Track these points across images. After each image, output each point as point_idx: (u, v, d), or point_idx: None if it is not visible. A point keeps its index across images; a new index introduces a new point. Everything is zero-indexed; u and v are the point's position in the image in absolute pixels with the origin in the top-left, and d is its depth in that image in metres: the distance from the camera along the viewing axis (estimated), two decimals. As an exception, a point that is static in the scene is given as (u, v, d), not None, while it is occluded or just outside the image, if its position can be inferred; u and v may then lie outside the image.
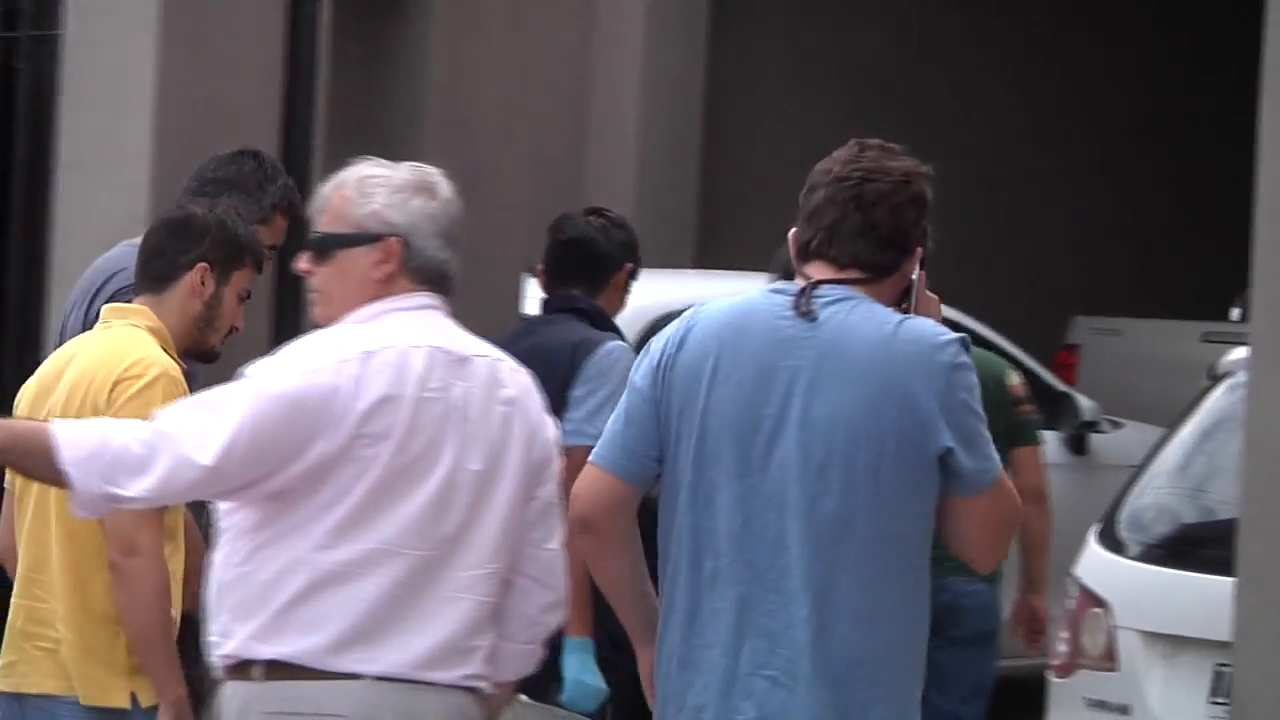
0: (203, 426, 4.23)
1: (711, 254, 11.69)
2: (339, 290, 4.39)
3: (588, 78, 12.93)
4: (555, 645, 6.25)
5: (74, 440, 4.20)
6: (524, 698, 5.91)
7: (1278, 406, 5.05)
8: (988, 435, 4.31)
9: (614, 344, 6.45)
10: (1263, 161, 5.04)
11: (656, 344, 4.42)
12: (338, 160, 6.41)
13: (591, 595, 5.65)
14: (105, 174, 6.11)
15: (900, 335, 4.27)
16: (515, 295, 6.56)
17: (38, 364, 6.16)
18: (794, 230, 4.39)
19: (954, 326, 4.41)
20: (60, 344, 5.57)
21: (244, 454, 4.20)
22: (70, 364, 5.11)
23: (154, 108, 5.96)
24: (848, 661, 4.25)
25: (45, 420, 4.59)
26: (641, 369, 4.40)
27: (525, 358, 6.45)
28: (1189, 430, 6.66)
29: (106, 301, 5.44)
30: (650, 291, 6.84)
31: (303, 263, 4.43)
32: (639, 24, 13.07)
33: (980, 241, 11.70)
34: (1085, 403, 9.78)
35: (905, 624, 4.29)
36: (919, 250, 4.33)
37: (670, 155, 12.87)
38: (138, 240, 5.67)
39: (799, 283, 4.33)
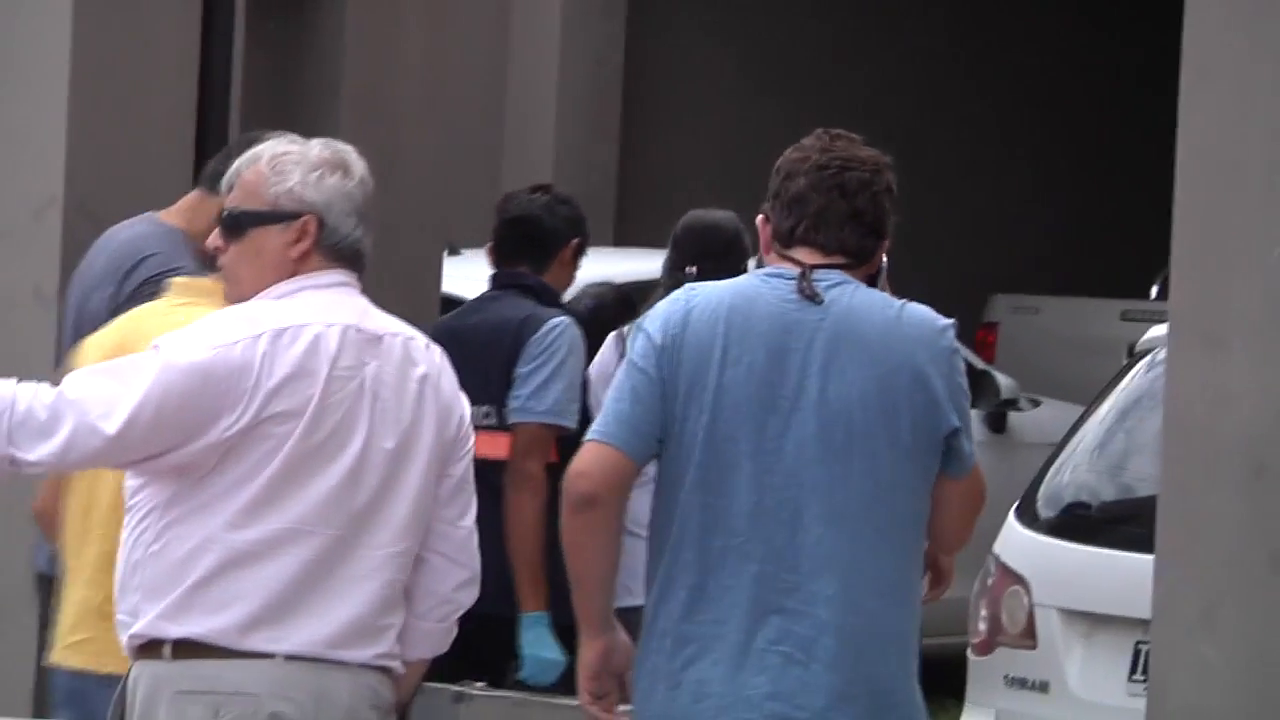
0: (109, 394, 4.20)
1: (630, 232, 11.70)
2: (250, 269, 4.38)
3: (505, 55, 12.88)
4: (511, 625, 6.21)
5: None
6: (479, 686, 5.91)
7: (1197, 384, 5.05)
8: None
9: (559, 320, 6.48)
10: (1181, 139, 5.05)
11: (652, 325, 4.45)
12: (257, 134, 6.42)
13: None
14: (21, 151, 6.08)
15: (905, 318, 4.43)
16: (433, 274, 6.55)
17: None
18: (763, 216, 4.48)
19: None
20: (74, 324, 5.56)
21: (149, 425, 4.19)
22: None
23: (68, 85, 5.93)
24: (875, 637, 4.35)
25: None
26: (641, 350, 4.42)
27: (472, 333, 6.51)
28: (1108, 408, 6.69)
29: (143, 284, 5.43)
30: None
31: (213, 240, 4.43)
32: (556, 3, 13.06)
33: (899, 217, 11.72)
34: (1004, 380, 9.81)
35: (917, 600, 4.43)
36: (888, 237, 4.54)
37: (590, 133, 12.86)
38: (161, 217, 5.66)
39: (788, 268, 4.43)
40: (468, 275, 8.25)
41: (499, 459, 6.35)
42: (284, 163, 4.38)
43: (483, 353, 6.41)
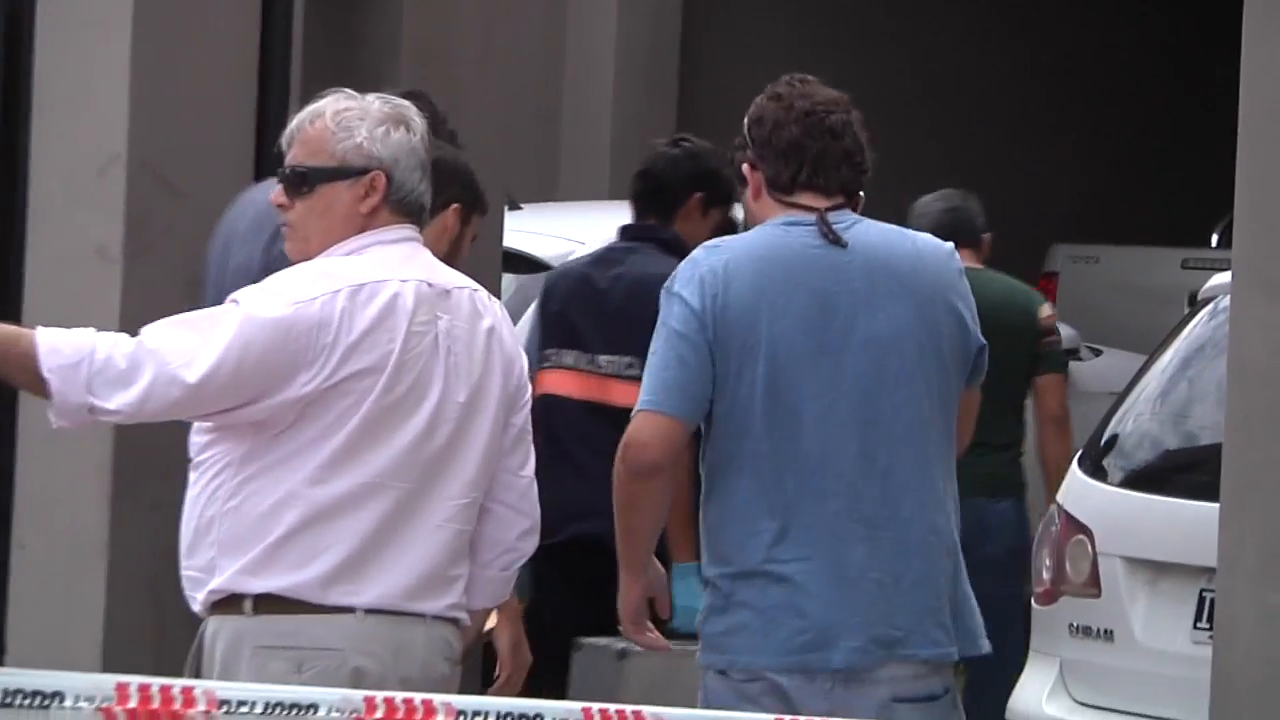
0: (189, 345, 4.21)
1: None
2: (319, 225, 4.39)
3: (563, 14, 12.89)
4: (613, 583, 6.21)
5: (57, 347, 4.18)
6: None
7: (1259, 331, 5.04)
8: None
9: None
10: (1245, 86, 5.04)
11: (686, 290, 4.56)
12: (316, 93, 6.42)
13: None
14: (81, 113, 6.10)
15: (922, 249, 4.70)
16: (494, 229, 6.56)
17: (15, 297, 6.18)
18: (749, 165, 4.66)
19: None
20: (214, 279, 5.59)
21: (228, 377, 4.20)
22: None
23: (130, 42, 5.95)
24: (946, 551, 4.59)
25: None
26: (680, 315, 4.55)
27: (613, 284, 6.57)
28: (1170, 356, 6.66)
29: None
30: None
31: (277, 195, 4.42)
32: (615, -43, 13.06)
33: (958, 171, 11.69)
34: (1065, 330, 9.77)
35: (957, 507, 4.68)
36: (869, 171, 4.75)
37: (647, 93, 12.86)
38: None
39: (799, 215, 4.61)
40: (528, 229, 8.30)
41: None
42: (348, 118, 4.38)
43: (626, 305, 6.46)
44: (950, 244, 4.77)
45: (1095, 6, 14.31)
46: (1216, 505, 5.13)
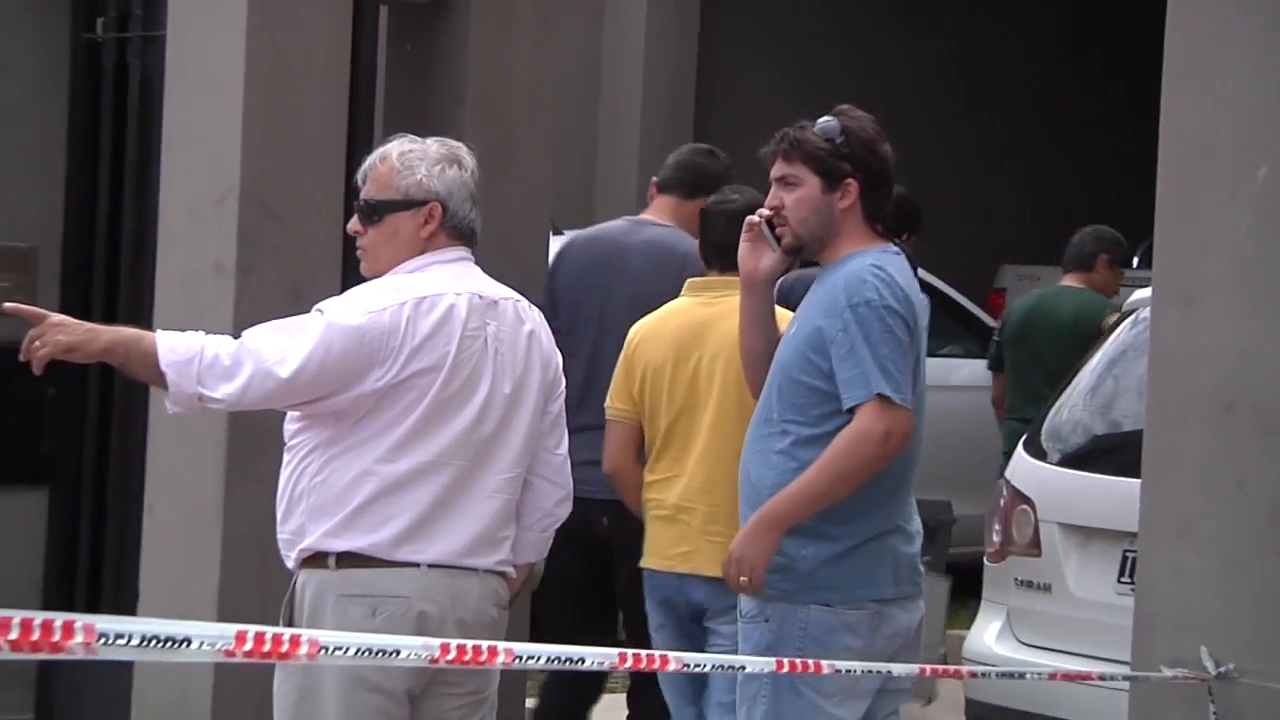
0: (282, 346, 4.23)
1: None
2: (388, 248, 4.40)
3: (599, 71, 12.89)
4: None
5: (173, 346, 4.20)
6: None
7: (1175, 336, 5.02)
8: None
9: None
10: (1163, 132, 5.02)
11: (894, 299, 4.46)
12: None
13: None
14: (202, 151, 6.09)
15: None
16: (541, 249, 6.57)
17: (147, 306, 6.15)
18: (860, 186, 4.58)
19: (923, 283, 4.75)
20: (600, 314, 5.98)
21: (314, 373, 4.22)
22: (708, 327, 5.33)
23: (243, 96, 5.95)
24: None
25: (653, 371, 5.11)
26: (900, 320, 4.45)
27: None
28: (1099, 357, 6.66)
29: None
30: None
31: (353, 224, 4.45)
32: (641, 25, 13.05)
33: (929, 205, 11.69)
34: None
35: None
36: None
37: (667, 136, 12.85)
38: (655, 218, 6.02)
39: (893, 247, 4.59)
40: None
41: None
42: (410, 159, 4.41)
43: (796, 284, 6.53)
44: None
45: (1039, 67, 14.27)
46: (1138, 480, 5.10)
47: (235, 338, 4.29)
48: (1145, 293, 5.95)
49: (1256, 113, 4.83)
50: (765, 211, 4.64)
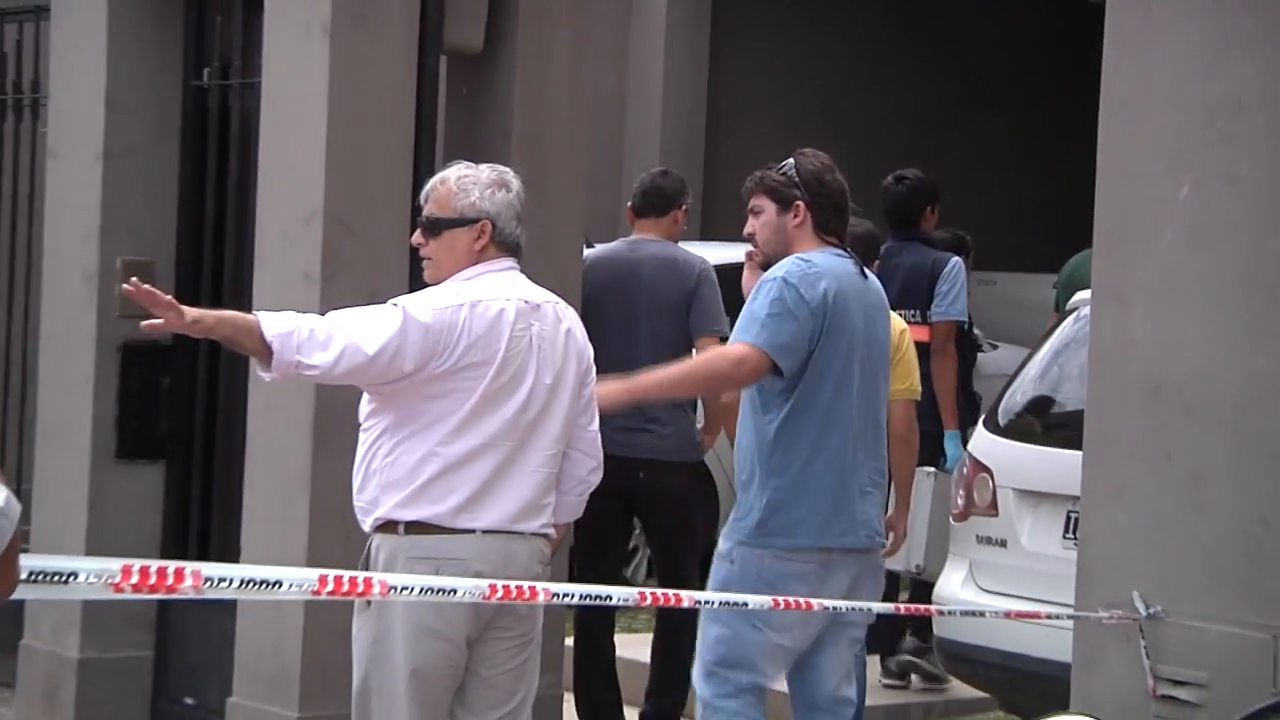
0: (369, 328, 4.22)
1: (710, 229, 11.70)
2: (447, 258, 4.40)
3: (623, 107, 12.90)
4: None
5: (275, 322, 4.18)
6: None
7: (1111, 330, 5.05)
8: None
9: (955, 260, 7.55)
10: (1101, 158, 5.04)
11: (798, 278, 4.68)
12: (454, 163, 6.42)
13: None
14: (292, 179, 6.12)
15: (872, 279, 4.96)
16: (576, 260, 6.59)
17: (247, 309, 6.17)
18: (807, 206, 4.80)
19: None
20: (648, 319, 6.33)
21: (391, 355, 4.21)
22: None
23: (325, 132, 5.98)
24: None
25: None
26: (794, 292, 4.66)
27: (903, 265, 7.48)
28: (1047, 349, 6.68)
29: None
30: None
31: (417, 238, 4.44)
32: (659, 69, 13.06)
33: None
34: (976, 332, 9.76)
35: None
36: None
37: (684, 158, 12.87)
38: (646, 237, 6.48)
39: (841, 250, 4.82)
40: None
41: (924, 341, 7.07)
42: (465, 182, 4.41)
43: (912, 277, 7.31)
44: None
45: (1006, 98, 14.21)
46: (1079, 453, 5.13)
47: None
48: (1085, 294, 5.97)
49: (1178, 142, 4.85)
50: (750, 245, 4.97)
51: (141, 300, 4.11)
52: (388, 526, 4.34)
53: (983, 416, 6.77)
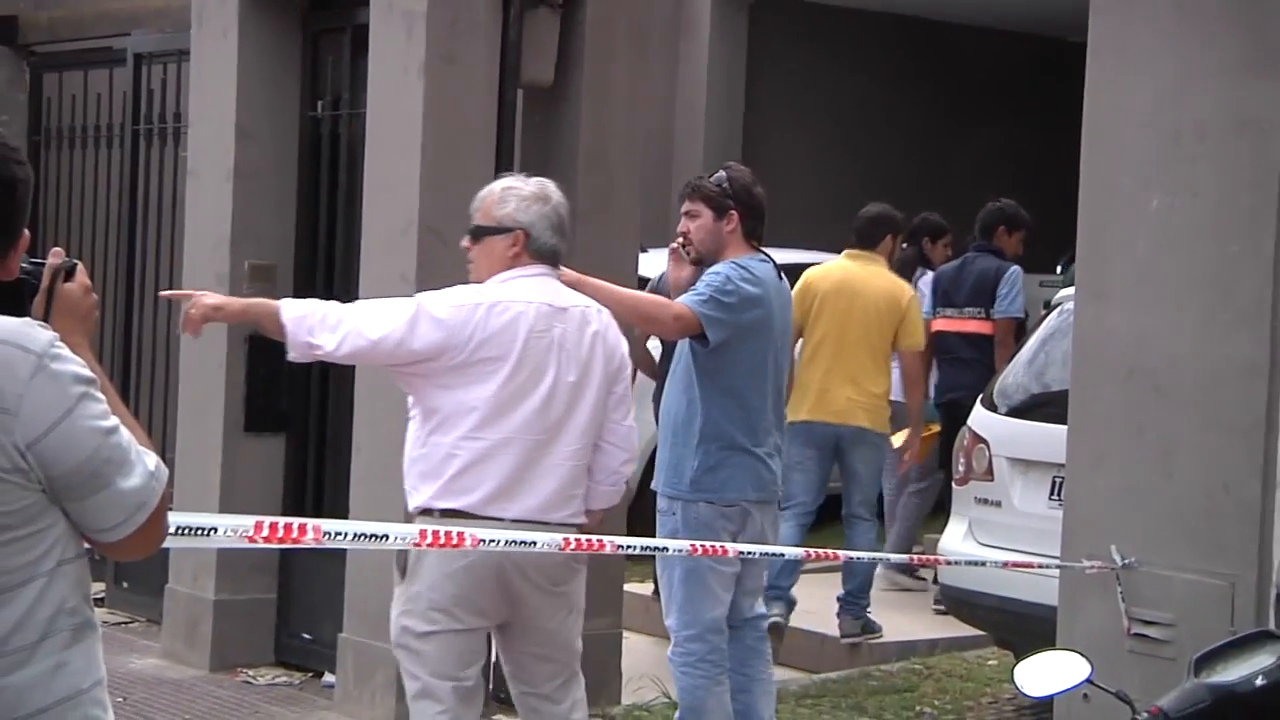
0: (377, 317, 3.99)
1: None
2: (485, 262, 4.15)
3: (672, 131, 12.86)
4: None
5: (293, 308, 4.02)
6: None
7: (1091, 320, 5.01)
8: None
9: (1014, 268, 7.95)
10: (1083, 173, 5.00)
11: (737, 277, 4.76)
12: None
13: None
14: (392, 195, 6.13)
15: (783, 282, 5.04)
16: (633, 264, 6.58)
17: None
18: (739, 215, 4.88)
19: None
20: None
21: (395, 343, 3.97)
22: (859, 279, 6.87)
23: (420, 155, 5.98)
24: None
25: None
26: (733, 287, 4.75)
27: (969, 273, 7.98)
28: (1035, 338, 6.63)
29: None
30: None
31: (464, 242, 4.22)
32: (702, 98, 13.03)
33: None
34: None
35: None
36: None
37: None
38: None
39: (766, 256, 4.90)
40: (651, 264, 8.27)
41: (988, 334, 7.64)
42: (507, 195, 4.16)
43: (980, 281, 7.70)
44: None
45: (1000, 127, 14.11)
46: (1064, 426, 5.10)
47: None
48: (1068, 291, 5.92)
49: (1150, 160, 4.81)
50: (679, 240, 5.00)
51: (176, 299, 4.09)
52: (425, 512, 4.06)
53: (980, 396, 6.73)
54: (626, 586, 6.60)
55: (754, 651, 4.94)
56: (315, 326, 3.97)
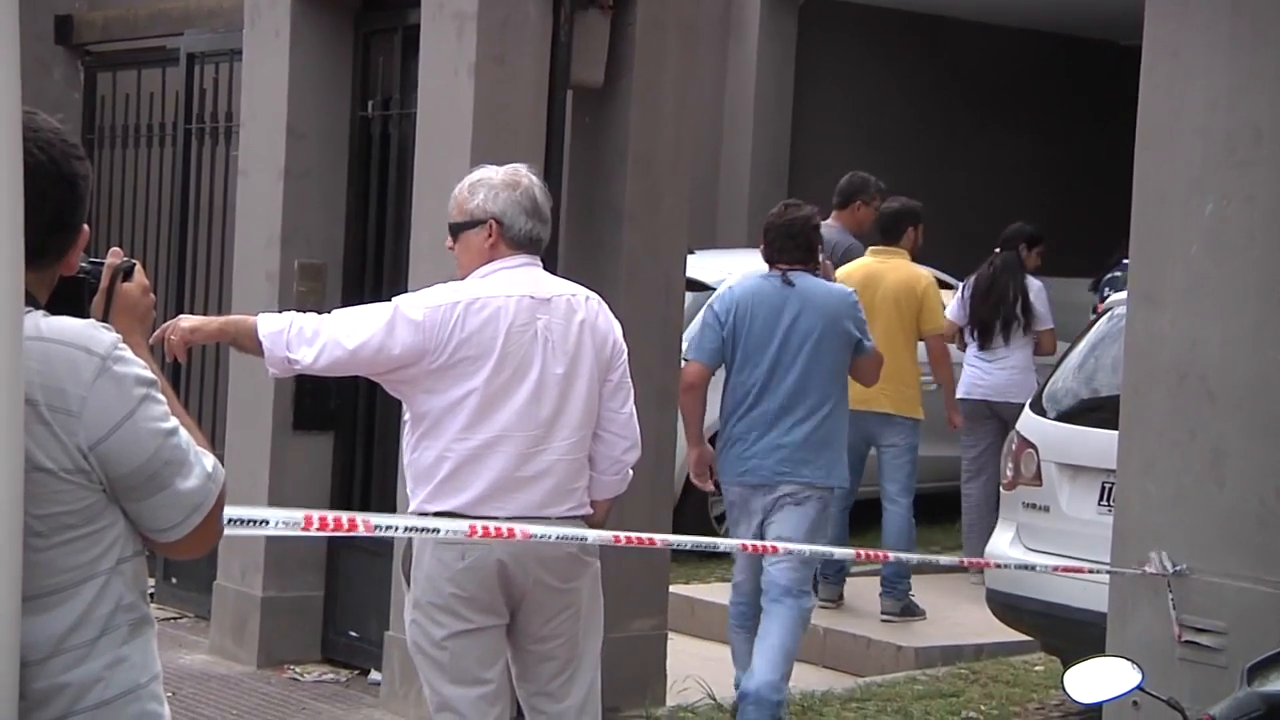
0: (354, 325, 3.89)
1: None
2: (466, 256, 4.04)
3: (720, 135, 12.86)
4: None
5: (268, 323, 3.91)
6: None
7: (1143, 326, 4.98)
8: None
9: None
10: (1136, 177, 4.97)
11: (718, 301, 5.88)
12: (578, 185, 6.44)
13: None
14: (441, 195, 6.13)
15: (834, 291, 5.88)
16: (680, 265, 6.58)
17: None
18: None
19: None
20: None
21: (375, 349, 3.86)
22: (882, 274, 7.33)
23: (469, 156, 5.99)
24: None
25: None
26: (713, 313, 5.84)
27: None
28: (1085, 343, 6.60)
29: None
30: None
31: (448, 241, 4.12)
32: (750, 101, 13.01)
33: (956, 224, 11.58)
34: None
35: None
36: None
37: (769, 185, 12.83)
38: (833, 223, 7.54)
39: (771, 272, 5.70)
40: (699, 265, 8.27)
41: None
42: (476, 187, 4.05)
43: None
44: (849, 290, 5.98)
45: (1040, 114, 14.04)
46: (1114, 432, 5.06)
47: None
48: (1121, 296, 5.89)
49: (1202, 167, 4.77)
50: None
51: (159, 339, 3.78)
52: (421, 515, 3.94)
53: (1029, 400, 6.70)
54: (671, 588, 6.60)
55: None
56: (292, 340, 3.84)
